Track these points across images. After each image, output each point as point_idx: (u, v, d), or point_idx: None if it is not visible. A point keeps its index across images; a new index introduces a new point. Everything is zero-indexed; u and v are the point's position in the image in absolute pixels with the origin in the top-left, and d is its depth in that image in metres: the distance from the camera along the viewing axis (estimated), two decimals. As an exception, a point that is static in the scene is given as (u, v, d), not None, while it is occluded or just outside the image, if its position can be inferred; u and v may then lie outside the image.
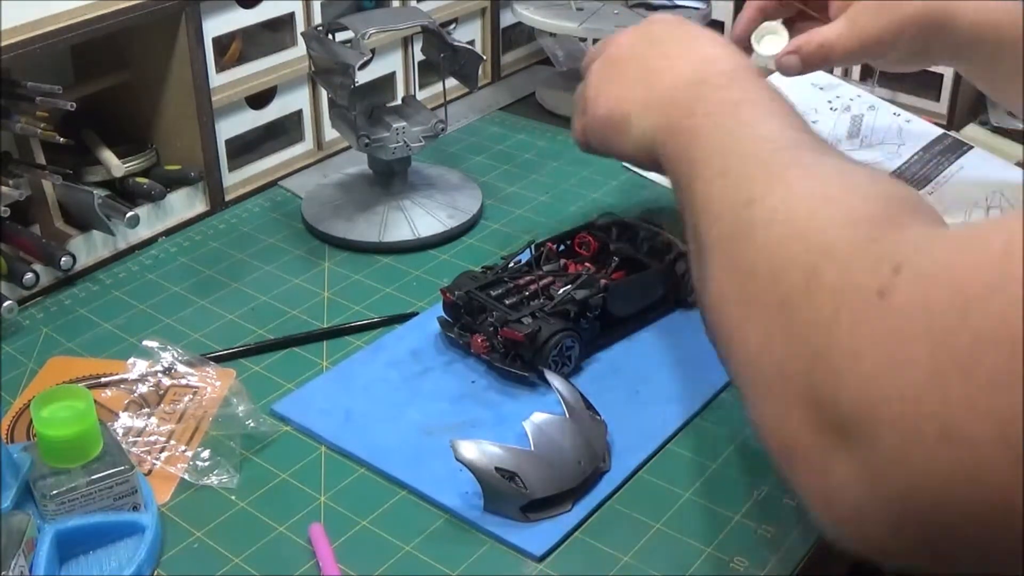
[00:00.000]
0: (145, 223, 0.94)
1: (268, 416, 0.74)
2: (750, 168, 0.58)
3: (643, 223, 0.87)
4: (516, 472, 0.65)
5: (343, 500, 0.68)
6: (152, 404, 0.74)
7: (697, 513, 0.66)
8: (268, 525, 0.66)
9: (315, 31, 0.95)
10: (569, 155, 1.10)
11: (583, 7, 1.16)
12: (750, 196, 0.55)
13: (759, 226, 0.53)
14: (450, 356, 0.80)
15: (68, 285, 0.90)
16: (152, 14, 0.90)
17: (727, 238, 0.56)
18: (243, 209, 1.01)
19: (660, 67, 0.73)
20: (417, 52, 1.03)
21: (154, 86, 0.97)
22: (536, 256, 0.85)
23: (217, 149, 0.99)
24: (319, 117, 1.09)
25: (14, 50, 0.81)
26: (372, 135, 0.92)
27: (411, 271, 0.91)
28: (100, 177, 0.96)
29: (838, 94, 1.12)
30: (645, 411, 0.74)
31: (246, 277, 0.91)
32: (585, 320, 0.78)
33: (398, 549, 0.64)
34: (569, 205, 1.01)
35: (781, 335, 0.47)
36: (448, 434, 0.70)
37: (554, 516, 0.66)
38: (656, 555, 0.63)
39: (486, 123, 1.17)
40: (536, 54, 1.32)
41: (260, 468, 0.70)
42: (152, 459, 0.70)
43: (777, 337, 0.48)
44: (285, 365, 0.80)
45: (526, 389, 0.76)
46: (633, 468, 0.69)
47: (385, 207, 0.96)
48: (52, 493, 0.62)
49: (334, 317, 0.85)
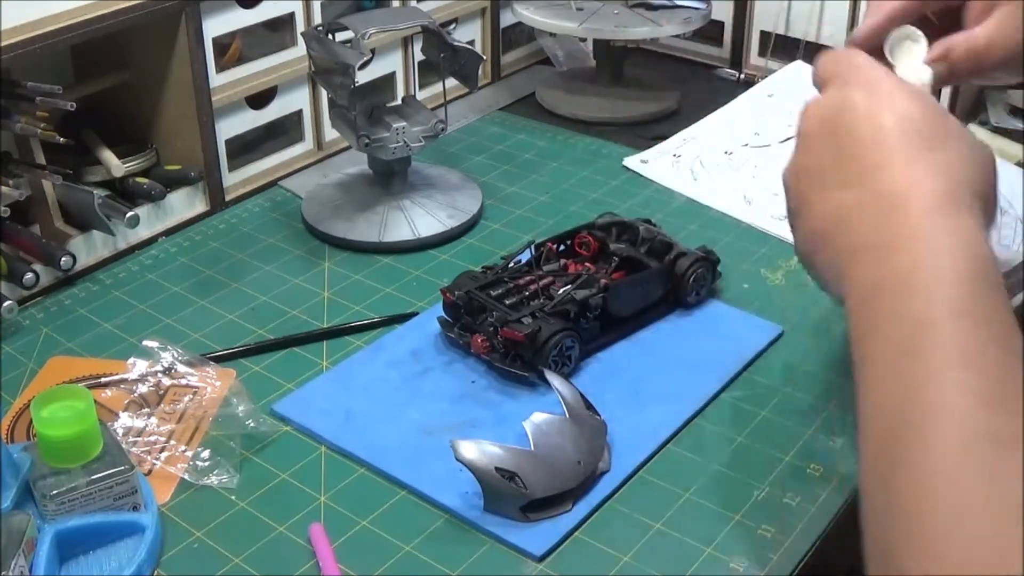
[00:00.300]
0: (145, 223, 0.94)
1: (268, 416, 0.74)
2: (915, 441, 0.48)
3: (643, 223, 0.87)
4: (516, 472, 0.65)
5: (343, 500, 0.68)
6: (152, 404, 0.74)
7: (697, 513, 0.66)
8: (268, 525, 0.66)
9: (315, 31, 0.95)
10: (569, 155, 1.10)
11: (583, 7, 1.16)
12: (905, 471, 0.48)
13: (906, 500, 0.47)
14: (450, 356, 0.80)
15: (68, 285, 0.90)
16: (152, 14, 0.90)
17: (880, 457, 0.50)
18: (243, 209, 1.01)
19: (841, 208, 0.59)
20: (417, 52, 1.03)
21: (154, 86, 0.97)
22: (536, 256, 0.85)
23: (217, 149, 0.99)
24: (319, 117, 1.09)
25: (14, 50, 0.81)
26: (372, 135, 0.92)
27: (411, 271, 0.91)
28: (100, 177, 0.96)
29: (838, 94, 1.12)
30: (645, 411, 0.74)
31: (246, 277, 0.91)
32: (585, 320, 0.78)
33: (398, 549, 0.64)
34: (569, 205, 1.01)
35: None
36: (448, 434, 0.70)
37: (554, 516, 0.66)
38: (656, 555, 0.63)
39: (486, 123, 1.17)
40: (536, 54, 1.32)
41: (260, 468, 0.70)
42: (152, 459, 0.70)
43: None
44: (285, 365, 0.80)
45: (526, 389, 0.76)
46: (633, 468, 0.69)
47: (385, 207, 0.96)
48: (52, 493, 0.62)
49: (334, 317, 0.85)
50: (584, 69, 1.26)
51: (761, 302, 0.86)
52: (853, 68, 0.63)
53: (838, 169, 0.60)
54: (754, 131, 1.09)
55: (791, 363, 0.79)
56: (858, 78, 0.62)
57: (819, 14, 1.19)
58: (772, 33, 1.23)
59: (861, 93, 0.61)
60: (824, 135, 0.62)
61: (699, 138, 1.09)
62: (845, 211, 0.59)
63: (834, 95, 0.63)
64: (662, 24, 1.13)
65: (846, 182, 0.59)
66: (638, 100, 1.18)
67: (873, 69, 0.63)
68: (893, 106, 0.60)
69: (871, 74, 0.62)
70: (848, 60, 0.64)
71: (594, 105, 1.18)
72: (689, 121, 1.13)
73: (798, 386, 0.77)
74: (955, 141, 0.59)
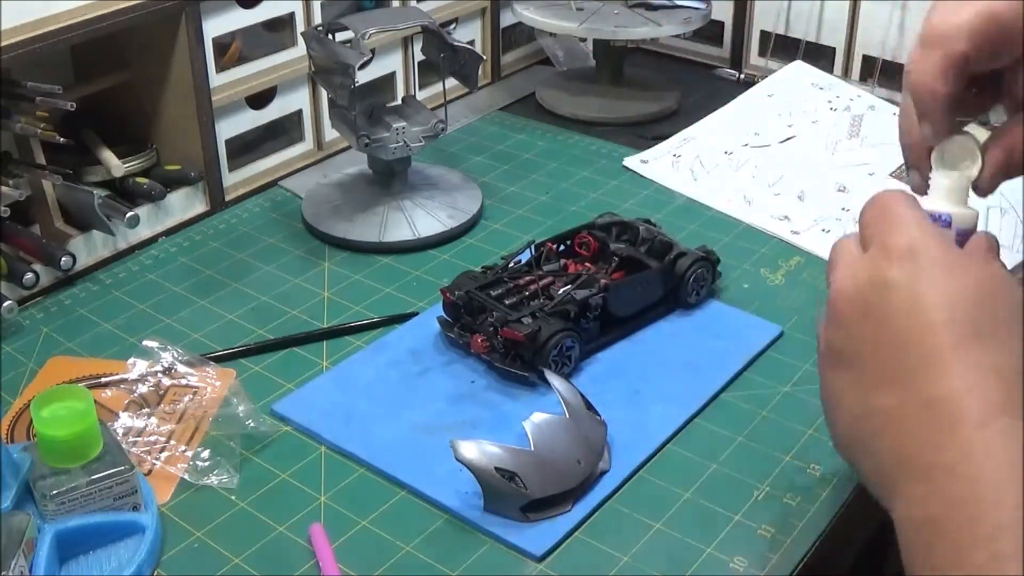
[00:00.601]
0: (145, 223, 0.94)
1: (268, 416, 0.74)
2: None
3: (643, 223, 0.87)
4: (516, 472, 0.65)
5: (343, 500, 0.68)
6: (152, 404, 0.74)
7: (697, 513, 0.66)
8: (268, 525, 0.66)
9: (315, 31, 0.95)
10: (569, 155, 1.10)
11: (583, 7, 1.16)
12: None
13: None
14: (450, 356, 0.80)
15: (68, 285, 0.90)
16: (152, 14, 0.90)
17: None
18: (243, 209, 1.01)
19: (883, 413, 0.52)
20: (417, 52, 1.03)
21: (154, 86, 0.97)
22: (536, 256, 0.85)
23: (217, 149, 0.99)
24: (319, 117, 1.09)
25: (14, 50, 0.81)
26: (372, 135, 0.92)
27: (411, 271, 0.91)
28: (100, 177, 0.96)
29: (838, 94, 1.12)
30: (645, 411, 0.74)
31: (246, 277, 0.91)
32: (585, 320, 0.78)
33: (398, 549, 0.64)
34: (569, 205, 1.01)
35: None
36: (448, 434, 0.69)
37: (554, 516, 0.65)
38: (656, 555, 0.63)
39: (486, 123, 1.17)
40: (536, 54, 1.32)
41: (260, 468, 0.70)
42: (152, 459, 0.70)
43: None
44: (285, 365, 0.80)
45: (526, 389, 0.76)
46: (633, 468, 0.69)
47: (385, 207, 0.96)
48: (52, 493, 0.62)
49: (334, 317, 0.85)
50: (584, 69, 1.26)
51: (761, 302, 0.86)
52: (895, 228, 0.54)
53: (876, 364, 0.53)
54: (754, 131, 1.09)
55: (791, 363, 0.79)
56: (899, 242, 0.53)
57: (819, 14, 1.19)
58: (772, 33, 1.23)
59: (902, 269, 0.53)
60: (859, 319, 0.54)
61: (699, 138, 1.09)
62: (887, 418, 0.52)
63: (871, 268, 0.54)
64: (662, 24, 1.13)
65: (886, 381, 0.52)
66: (638, 100, 1.18)
67: (917, 229, 0.54)
68: (939, 286, 0.52)
69: (915, 237, 0.54)
70: (891, 215, 0.55)
71: (594, 105, 1.18)
72: (689, 121, 1.13)
73: (798, 386, 0.77)
74: (1012, 322, 0.51)
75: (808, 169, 1.03)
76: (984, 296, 0.52)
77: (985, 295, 0.52)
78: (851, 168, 1.03)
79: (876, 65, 1.15)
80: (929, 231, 0.54)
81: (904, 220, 0.55)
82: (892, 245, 0.54)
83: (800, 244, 0.94)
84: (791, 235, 0.95)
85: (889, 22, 1.13)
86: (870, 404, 0.52)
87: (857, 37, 1.16)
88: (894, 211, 0.55)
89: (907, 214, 0.55)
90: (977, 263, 0.53)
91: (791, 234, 0.95)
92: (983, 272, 0.53)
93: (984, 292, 0.52)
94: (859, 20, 1.16)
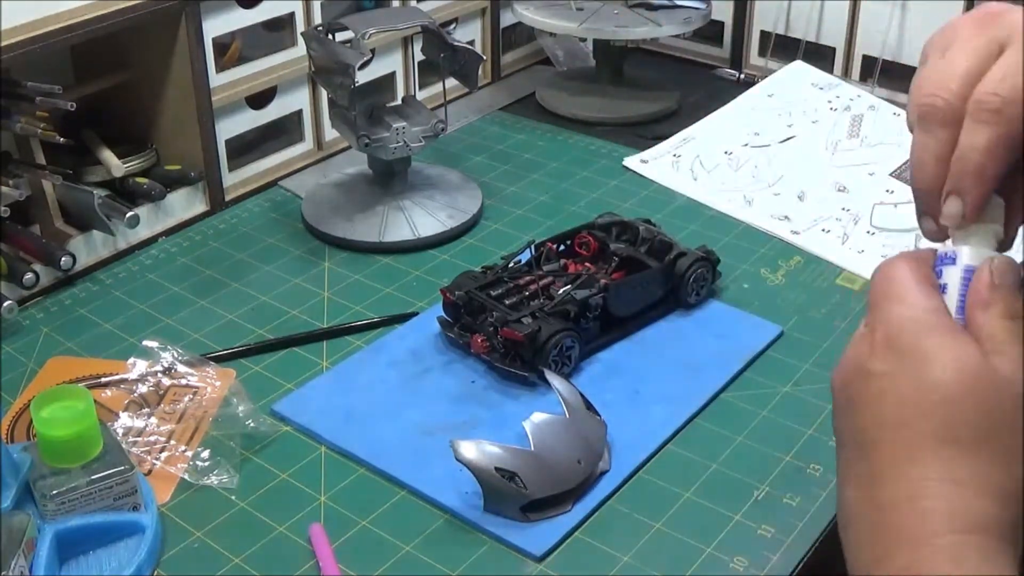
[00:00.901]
0: (145, 223, 0.94)
1: (268, 416, 0.74)
2: None
3: (643, 223, 0.87)
4: (516, 472, 0.65)
5: (343, 500, 0.68)
6: (152, 404, 0.74)
7: (697, 513, 0.66)
8: (268, 525, 0.66)
9: (315, 31, 0.95)
10: (569, 155, 1.10)
11: (583, 7, 1.16)
12: None
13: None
14: (450, 356, 0.80)
15: (68, 285, 0.90)
16: (152, 14, 0.90)
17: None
18: (243, 209, 1.01)
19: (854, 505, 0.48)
20: (417, 52, 1.03)
21: (154, 86, 0.97)
22: (536, 256, 0.85)
23: (217, 149, 0.99)
24: (319, 117, 1.09)
25: (14, 50, 0.81)
26: (372, 135, 0.92)
27: (411, 271, 0.91)
28: (100, 177, 0.96)
29: (838, 94, 1.12)
30: (645, 411, 0.74)
31: (246, 277, 0.91)
32: (585, 320, 0.78)
33: (398, 549, 0.64)
34: (569, 205, 1.01)
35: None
36: (448, 434, 0.69)
37: (554, 516, 0.65)
38: (656, 555, 0.63)
39: (486, 123, 1.17)
40: (536, 54, 1.32)
41: (260, 468, 0.70)
42: (152, 459, 0.70)
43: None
44: (285, 365, 0.80)
45: (526, 389, 0.76)
46: (633, 468, 0.69)
47: (385, 207, 0.96)
48: (52, 493, 0.62)
49: (334, 317, 0.85)
50: (584, 69, 1.26)
51: (761, 302, 0.86)
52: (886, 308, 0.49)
53: (849, 455, 0.49)
54: (754, 131, 1.09)
55: (791, 363, 0.79)
56: (884, 327, 0.48)
57: (819, 14, 1.19)
58: (772, 33, 1.23)
59: (882, 360, 0.48)
60: (844, 406, 0.50)
61: (699, 138, 1.10)
62: (852, 513, 0.48)
63: (858, 355, 0.49)
64: (662, 24, 1.13)
65: (852, 476, 0.49)
66: (638, 100, 1.18)
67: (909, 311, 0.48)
68: (908, 385, 0.47)
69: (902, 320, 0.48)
70: (886, 291, 0.50)
71: (594, 105, 1.18)
72: (689, 121, 1.13)
73: (798, 386, 0.77)
74: (1006, 434, 0.45)
75: (808, 169, 1.03)
76: (981, 398, 0.46)
77: (983, 397, 0.46)
78: (851, 168, 1.03)
79: (876, 65, 1.15)
80: (919, 312, 0.48)
81: (897, 299, 0.49)
82: (878, 329, 0.49)
83: (800, 244, 0.94)
84: (791, 235, 0.95)
85: (889, 22, 1.13)
86: (842, 494, 0.49)
87: (857, 37, 1.16)
88: (890, 287, 0.50)
89: (903, 291, 0.49)
90: (961, 355, 0.47)
91: (791, 234, 0.95)
92: (964, 366, 0.46)
93: (955, 394, 0.46)
94: (859, 20, 1.16)
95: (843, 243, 0.94)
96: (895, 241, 0.93)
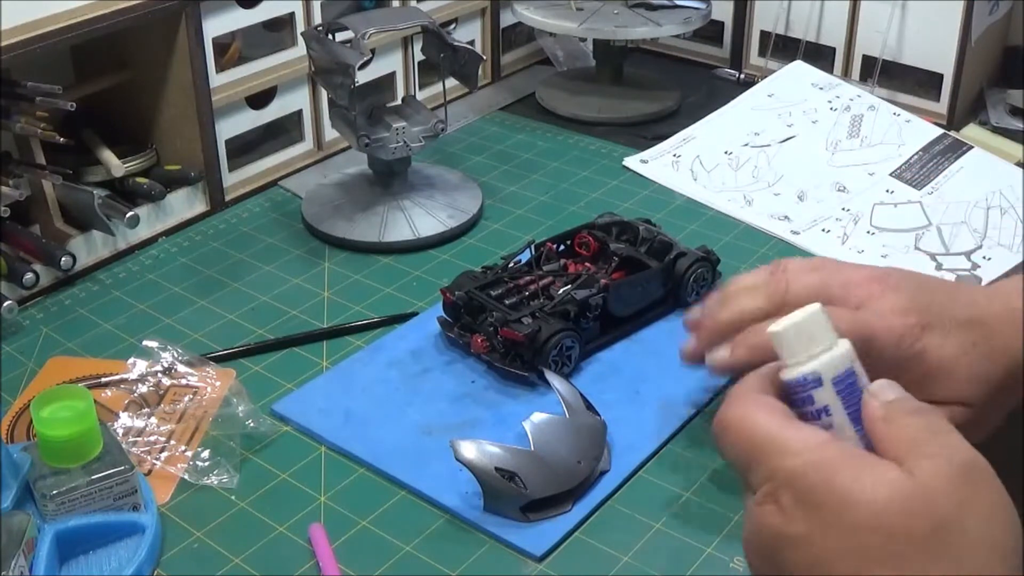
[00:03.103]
0: (145, 223, 0.94)
1: (268, 416, 0.74)
2: None
3: (643, 223, 0.87)
4: (516, 472, 0.65)
5: (343, 500, 0.68)
6: (152, 404, 0.74)
7: (697, 513, 0.66)
8: (268, 525, 0.66)
9: (315, 31, 0.95)
10: (569, 155, 1.10)
11: (583, 7, 1.16)
12: None
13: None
14: (450, 356, 0.80)
15: (68, 285, 0.90)
16: (152, 14, 0.90)
17: None
18: (243, 209, 1.01)
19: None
20: (417, 52, 1.03)
21: (154, 86, 0.97)
22: (536, 256, 0.85)
23: (217, 149, 0.99)
24: (319, 117, 1.09)
25: (14, 50, 0.81)
26: (372, 135, 0.92)
27: (411, 271, 0.91)
28: (100, 177, 0.96)
29: (838, 94, 1.12)
30: (645, 411, 0.74)
31: (246, 277, 0.91)
32: (585, 320, 0.78)
33: (398, 549, 0.64)
34: (569, 205, 1.01)
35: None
36: (448, 434, 0.70)
37: (554, 516, 0.65)
38: (656, 555, 0.63)
39: (486, 123, 1.17)
40: (536, 54, 1.32)
41: (260, 468, 0.70)
42: (152, 459, 0.70)
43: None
44: (285, 365, 0.80)
45: (526, 389, 0.76)
46: (633, 468, 0.69)
47: (385, 207, 0.96)
48: (52, 493, 0.62)
49: (334, 317, 0.85)
50: (584, 69, 1.26)
51: (761, 302, 0.86)
52: (781, 466, 0.47)
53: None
54: (754, 131, 1.09)
55: (791, 363, 0.79)
56: (792, 483, 0.46)
57: (819, 14, 1.19)
58: (772, 33, 1.22)
59: (806, 519, 0.45)
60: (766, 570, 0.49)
61: (699, 138, 1.10)
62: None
63: (772, 524, 0.48)
64: (662, 24, 1.13)
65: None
66: (638, 100, 1.18)
67: (819, 460, 0.46)
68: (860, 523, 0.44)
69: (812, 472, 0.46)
70: (766, 448, 0.48)
71: (594, 105, 1.18)
72: (689, 121, 1.13)
73: (798, 386, 0.77)
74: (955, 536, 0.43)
75: (808, 169, 1.03)
76: (891, 524, 0.44)
77: (892, 521, 0.44)
78: (851, 168, 1.03)
79: (876, 65, 1.15)
80: (813, 456, 0.46)
81: (778, 452, 0.47)
82: (780, 493, 0.47)
83: (800, 244, 0.94)
84: (791, 235, 0.95)
85: (889, 22, 1.13)
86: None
87: (857, 37, 1.16)
88: (759, 443, 0.48)
89: (779, 441, 0.48)
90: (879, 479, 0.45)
91: (791, 234, 0.95)
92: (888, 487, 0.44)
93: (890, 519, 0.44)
94: (859, 20, 1.16)
95: (843, 243, 0.94)
96: (895, 241, 0.93)
